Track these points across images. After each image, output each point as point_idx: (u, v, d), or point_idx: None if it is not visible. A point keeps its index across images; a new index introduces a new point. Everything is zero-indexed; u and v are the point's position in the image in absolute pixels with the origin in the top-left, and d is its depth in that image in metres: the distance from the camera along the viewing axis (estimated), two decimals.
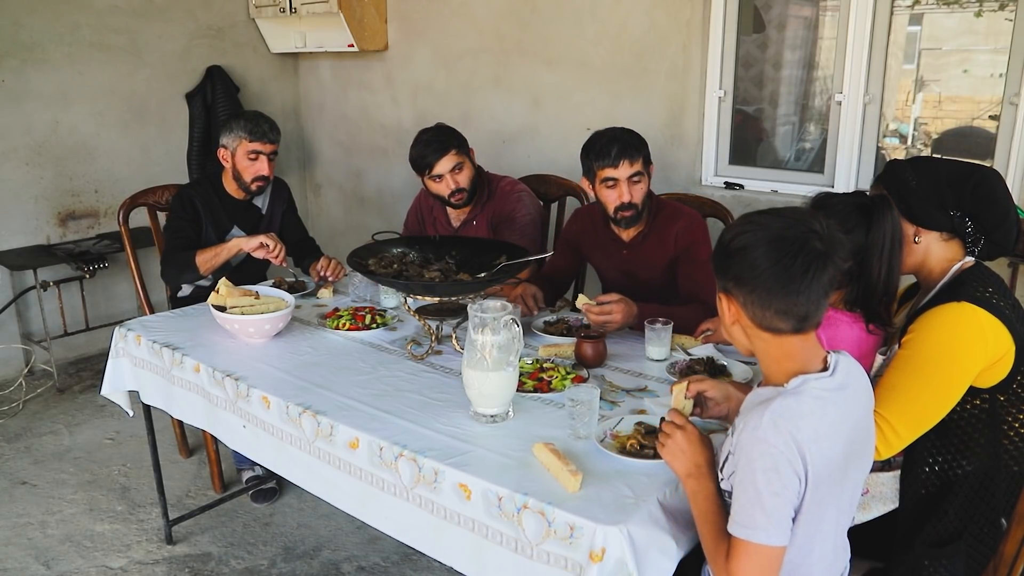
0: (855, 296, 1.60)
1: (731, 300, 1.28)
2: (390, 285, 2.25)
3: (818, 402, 1.22)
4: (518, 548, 1.43)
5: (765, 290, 1.21)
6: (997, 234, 1.56)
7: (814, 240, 1.20)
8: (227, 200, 2.81)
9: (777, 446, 1.18)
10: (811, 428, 1.20)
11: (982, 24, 2.80)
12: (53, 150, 3.87)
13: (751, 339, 1.30)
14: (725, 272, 1.27)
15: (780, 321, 1.23)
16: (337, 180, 4.81)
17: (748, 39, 3.21)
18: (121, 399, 2.43)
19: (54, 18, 3.77)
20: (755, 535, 1.20)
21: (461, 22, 3.85)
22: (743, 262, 1.23)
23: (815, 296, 1.21)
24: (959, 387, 1.48)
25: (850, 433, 1.27)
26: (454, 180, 2.62)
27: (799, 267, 1.19)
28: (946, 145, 2.98)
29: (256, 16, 4.41)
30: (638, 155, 2.24)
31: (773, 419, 1.20)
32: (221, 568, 2.47)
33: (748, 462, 1.21)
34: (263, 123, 2.73)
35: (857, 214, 1.57)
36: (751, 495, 1.20)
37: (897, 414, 1.47)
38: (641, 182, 2.26)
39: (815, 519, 1.25)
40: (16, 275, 3.78)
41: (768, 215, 1.26)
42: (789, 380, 1.25)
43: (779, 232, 1.22)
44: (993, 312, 1.47)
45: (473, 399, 1.70)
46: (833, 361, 1.27)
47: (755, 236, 1.23)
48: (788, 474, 1.19)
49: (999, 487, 1.52)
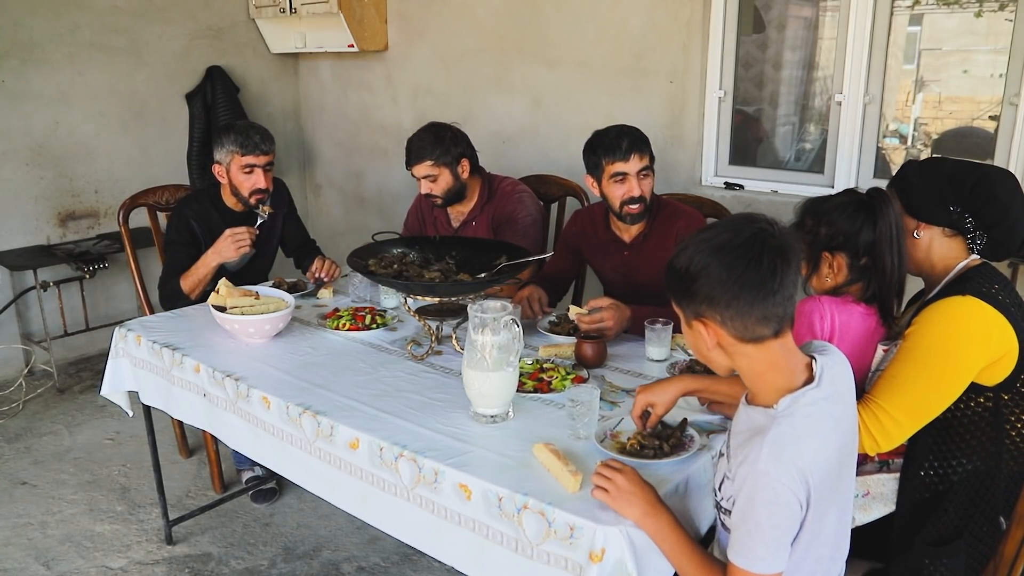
0: (872, 292, 1.63)
1: (707, 324, 1.24)
2: (390, 285, 2.25)
3: (811, 420, 1.21)
4: (518, 548, 1.43)
5: (742, 300, 1.19)
6: (998, 231, 1.56)
7: (768, 238, 1.19)
8: (227, 214, 2.71)
9: (780, 479, 1.17)
10: (811, 450, 1.19)
11: (982, 24, 2.80)
12: (53, 150, 3.87)
13: (733, 358, 1.26)
14: (692, 298, 1.24)
15: (762, 327, 1.21)
16: (337, 180, 4.81)
17: (748, 39, 3.21)
18: (121, 399, 2.42)
19: (54, 18, 3.77)
20: (755, 566, 1.20)
21: (461, 22, 3.85)
22: (709, 281, 1.20)
23: (789, 291, 1.20)
24: (961, 380, 1.48)
25: (842, 436, 1.27)
26: (427, 187, 2.66)
27: (767, 267, 1.18)
28: (946, 145, 2.98)
29: (256, 16, 4.42)
30: (647, 149, 2.27)
31: (772, 452, 1.17)
32: (221, 568, 2.47)
33: (749, 495, 1.19)
34: (254, 135, 2.61)
35: (860, 212, 1.61)
36: (751, 527, 1.20)
37: (898, 405, 1.48)
38: (648, 177, 2.29)
39: (815, 530, 1.25)
40: (16, 275, 3.78)
41: (710, 230, 1.24)
42: (778, 399, 1.23)
43: (732, 241, 1.20)
44: (998, 308, 1.47)
45: (473, 399, 1.70)
46: (818, 369, 1.25)
47: (710, 253, 1.20)
48: (791, 505, 1.18)
49: (999, 486, 1.52)
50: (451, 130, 2.67)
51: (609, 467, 1.39)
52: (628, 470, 1.38)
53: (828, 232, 1.63)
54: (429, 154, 2.61)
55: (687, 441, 1.58)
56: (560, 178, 3.06)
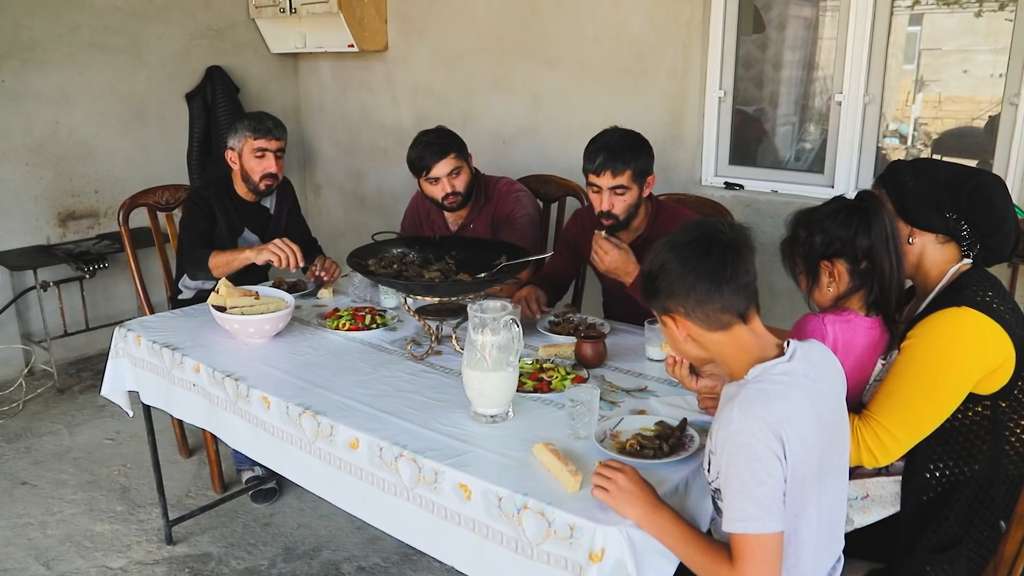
0: (874, 297, 1.60)
1: (675, 318, 1.36)
2: (390, 285, 2.25)
3: (780, 386, 1.26)
4: (518, 548, 1.43)
5: (699, 290, 1.30)
6: (993, 240, 1.56)
7: (719, 235, 1.32)
8: (238, 202, 2.80)
9: (754, 434, 1.21)
10: (781, 408, 1.23)
11: (982, 24, 2.80)
12: (53, 150, 3.87)
13: (706, 346, 1.36)
14: (657, 296, 1.37)
15: (724, 314, 1.31)
16: (337, 180, 4.81)
17: (748, 39, 3.21)
18: (121, 399, 2.42)
19: (54, 18, 3.77)
20: (750, 526, 1.22)
21: (461, 22, 3.85)
22: (668, 278, 1.33)
23: (744, 280, 1.31)
24: (959, 393, 1.48)
25: (820, 414, 1.30)
26: (450, 183, 2.61)
27: (716, 260, 1.30)
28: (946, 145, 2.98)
29: (256, 16, 4.42)
30: (624, 168, 2.18)
31: (743, 410, 1.24)
32: (221, 568, 2.47)
33: (729, 458, 1.24)
34: (267, 120, 2.74)
35: (853, 216, 1.57)
36: (738, 489, 1.23)
37: (896, 421, 1.47)
38: (625, 195, 2.22)
39: (799, 501, 1.27)
40: (16, 275, 3.78)
41: (671, 233, 1.38)
42: (748, 371, 1.30)
43: (685, 240, 1.34)
44: (994, 317, 1.46)
45: (473, 399, 1.70)
46: (791, 348, 1.31)
47: (668, 253, 1.34)
48: (769, 459, 1.22)
49: (999, 491, 1.51)
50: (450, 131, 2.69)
51: (608, 467, 1.39)
52: (628, 469, 1.38)
53: (823, 240, 1.58)
54: (452, 147, 2.59)
55: (687, 441, 1.58)
56: (560, 178, 3.06)
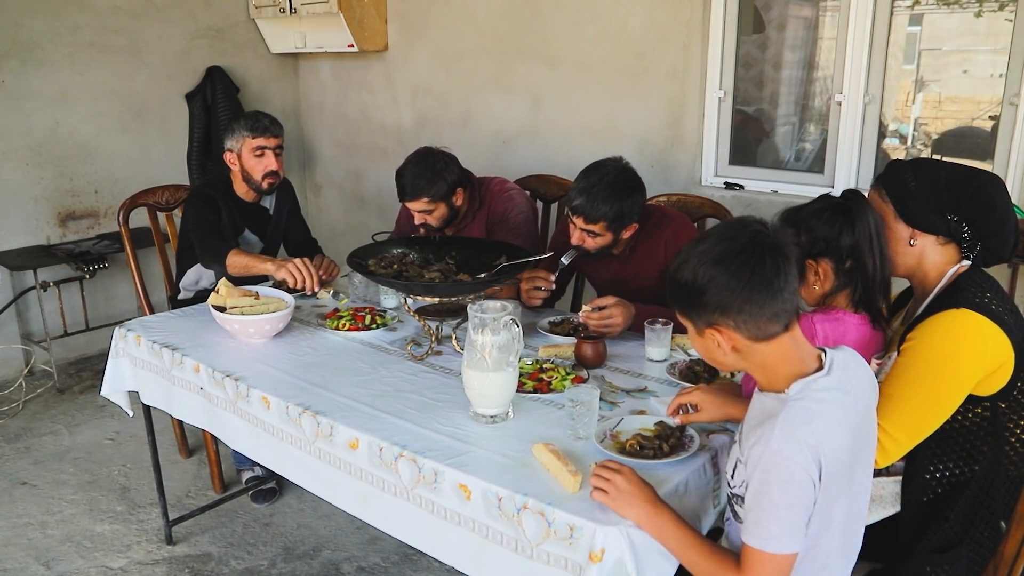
0: (859, 295, 1.61)
1: (721, 331, 1.27)
2: (390, 285, 2.25)
3: (822, 404, 1.23)
4: (518, 548, 1.43)
5: (753, 303, 1.23)
6: (994, 241, 1.55)
7: (764, 238, 1.24)
8: (238, 203, 2.80)
9: (792, 457, 1.19)
10: (823, 430, 1.21)
11: (982, 24, 2.80)
12: (53, 150, 3.87)
13: (747, 357, 1.29)
14: (703, 309, 1.27)
15: (774, 324, 1.25)
16: (337, 180, 4.81)
17: (748, 39, 3.21)
18: (121, 399, 2.43)
19: (54, 18, 3.77)
20: (768, 545, 1.21)
21: (461, 22, 3.85)
22: (719, 291, 1.23)
23: (793, 285, 1.25)
24: (958, 396, 1.47)
25: (855, 429, 1.28)
26: (422, 217, 2.59)
27: (770, 268, 1.22)
28: (946, 145, 2.98)
29: (256, 16, 4.42)
30: (597, 220, 2.16)
31: (785, 431, 1.20)
32: (221, 568, 2.47)
33: (763, 475, 1.21)
34: (263, 118, 2.74)
35: (837, 215, 1.58)
36: (765, 507, 1.21)
37: (896, 423, 1.47)
38: (598, 239, 2.22)
39: (824, 518, 1.25)
40: (16, 275, 3.78)
41: (707, 241, 1.27)
42: (789, 385, 1.26)
43: (731, 248, 1.24)
44: (993, 319, 1.46)
45: (473, 399, 1.70)
46: (829, 359, 1.29)
47: (713, 264, 1.24)
48: (804, 483, 1.20)
49: (999, 491, 1.51)
50: (442, 158, 2.57)
51: (607, 467, 1.38)
52: (626, 470, 1.38)
53: (808, 239, 1.59)
54: (425, 192, 2.52)
55: (687, 441, 1.58)
56: (560, 178, 3.06)
